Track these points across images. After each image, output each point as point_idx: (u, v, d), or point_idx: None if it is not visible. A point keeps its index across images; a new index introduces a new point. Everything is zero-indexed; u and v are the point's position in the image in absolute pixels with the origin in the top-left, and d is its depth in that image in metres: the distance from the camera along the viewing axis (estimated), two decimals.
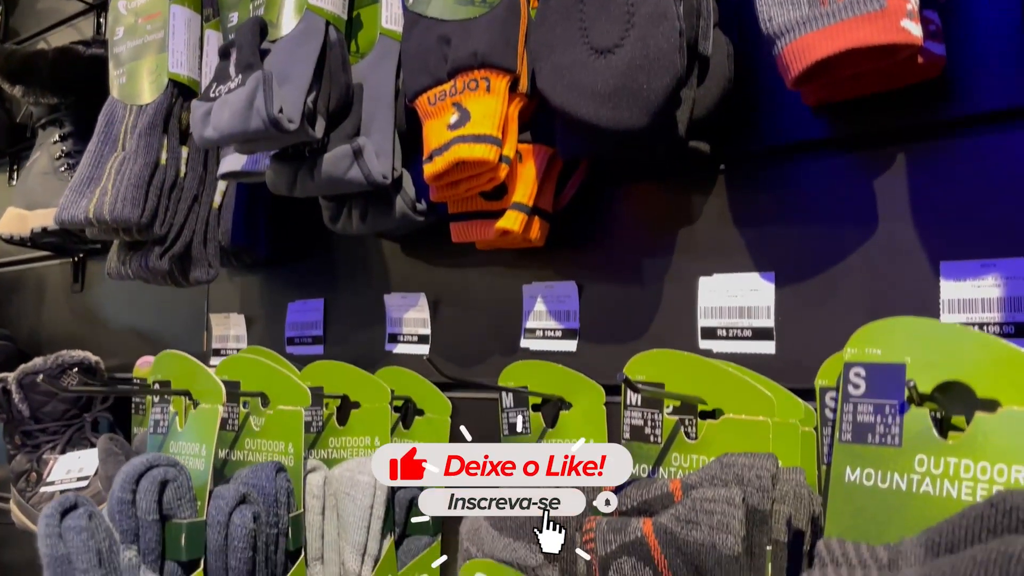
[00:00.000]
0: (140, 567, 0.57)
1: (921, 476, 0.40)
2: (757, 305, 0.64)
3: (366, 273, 0.90)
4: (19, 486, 1.07)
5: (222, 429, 0.72)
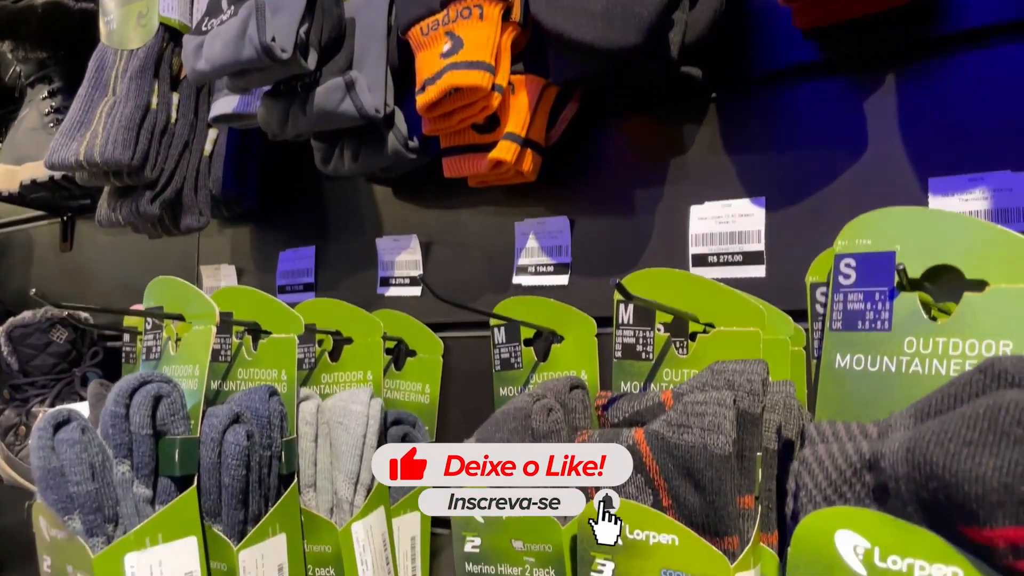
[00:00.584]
0: (133, 482, 0.57)
1: (910, 357, 0.41)
2: (747, 230, 0.64)
3: (357, 218, 0.91)
4: (7, 440, 1.07)
5: (214, 360, 0.72)
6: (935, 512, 0.35)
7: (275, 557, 0.63)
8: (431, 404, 0.81)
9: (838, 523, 0.38)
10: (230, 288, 0.71)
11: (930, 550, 0.35)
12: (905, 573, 0.36)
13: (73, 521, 0.55)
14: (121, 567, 0.55)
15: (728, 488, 0.50)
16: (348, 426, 0.69)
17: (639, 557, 0.52)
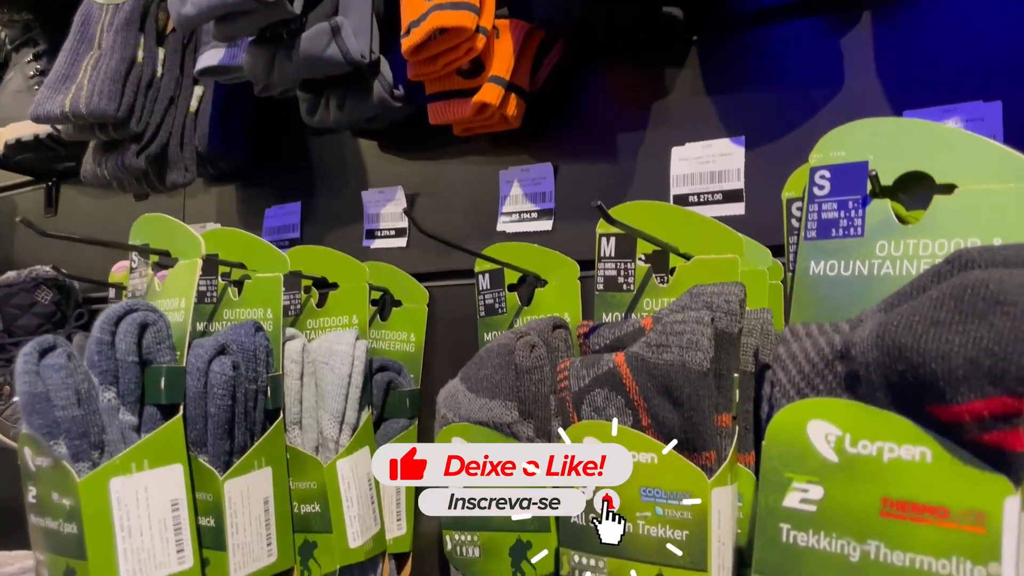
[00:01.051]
0: (119, 409, 0.58)
1: (882, 260, 0.42)
2: (727, 169, 0.65)
3: (343, 173, 0.91)
4: None
5: (199, 302, 0.72)
6: (904, 394, 0.36)
7: (261, 490, 0.63)
8: (416, 352, 0.82)
9: (810, 414, 0.39)
10: (216, 230, 0.71)
11: (899, 432, 0.36)
12: (875, 456, 0.37)
13: (59, 446, 0.55)
14: (107, 492, 0.55)
15: (705, 405, 0.51)
16: (333, 366, 0.70)
17: None
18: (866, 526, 0.37)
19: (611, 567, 0.53)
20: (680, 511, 0.51)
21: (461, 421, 0.67)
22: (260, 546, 0.63)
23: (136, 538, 0.56)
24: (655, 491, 0.52)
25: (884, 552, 0.36)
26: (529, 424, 0.64)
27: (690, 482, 0.51)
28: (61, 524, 0.56)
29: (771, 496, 0.40)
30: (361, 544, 0.69)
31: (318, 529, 0.68)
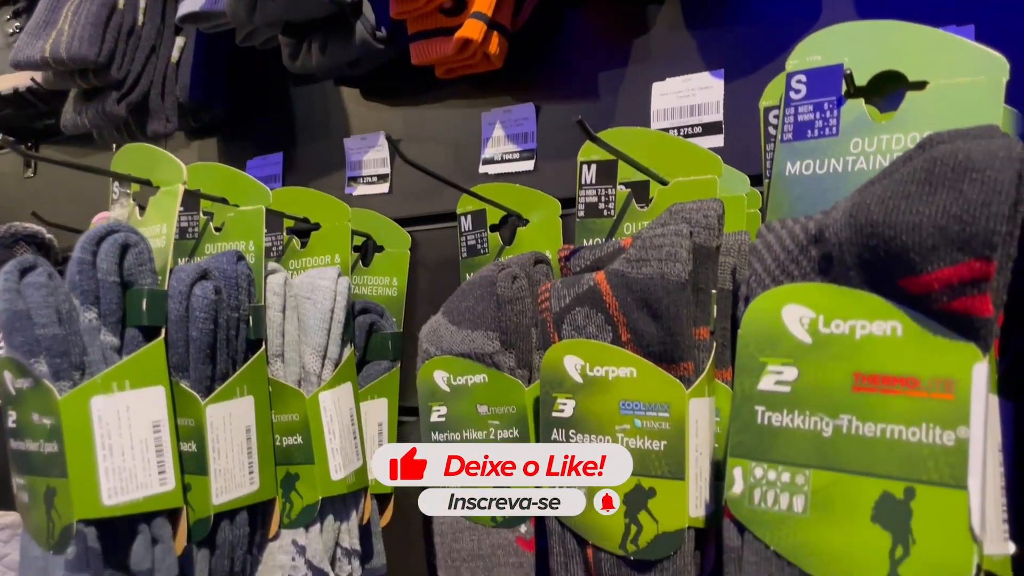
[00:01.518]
0: (100, 330, 0.58)
1: (856, 156, 0.43)
2: (707, 102, 0.66)
3: (325, 122, 0.91)
4: None
5: (181, 238, 0.72)
6: (875, 271, 0.37)
7: (243, 418, 0.63)
8: (399, 296, 0.82)
9: (784, 299, 0.40)
10: (198, 165, 0.71)
11: (870, 309, 0.37)
12: (847, 335, 0.37)
13: (39, 364, 0.55)
14: (88, 410, 0.55)
15: (684, 316, 0.51)
16: (316, 300, 0.70)
17: (599, 392, 0.54)
18: (838, 402, 0.37)
19: None
20: (658, 422, 0.52)
21: (443, 354, 0.68)
22: (242, 473, 0.63)
23: (118, 457, 0.56)
24: (634, 404, 0.53)
25: (856, 425, 0.37)
26: (511, 354, 0.65)
27: (668, 393, 0.52)
28: (42, 444, 0.56)
29: (746, 381, 0.40)
30: (343, 477, 0.69)
31: (300, 461, 0.68)
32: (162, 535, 0.58)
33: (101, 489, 0.55)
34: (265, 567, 0.67)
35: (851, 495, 0.37)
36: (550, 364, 0.57)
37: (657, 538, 0.52)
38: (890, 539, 0.35)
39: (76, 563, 0.55)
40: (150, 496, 0.57)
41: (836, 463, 0.37)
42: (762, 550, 0.39)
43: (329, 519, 0.70)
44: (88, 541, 0.55)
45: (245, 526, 0.63)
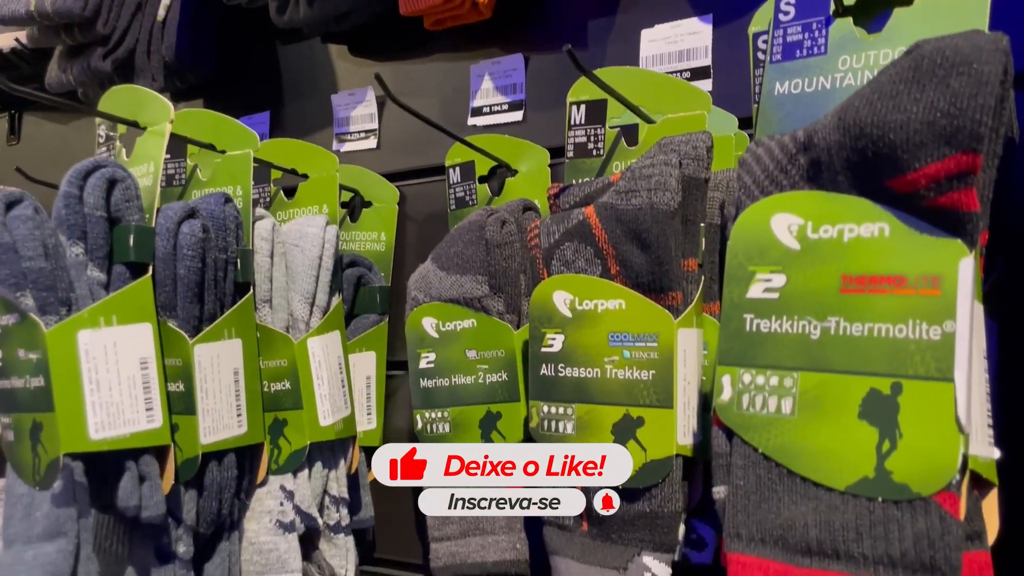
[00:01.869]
0: (87, 265, 0.57)
1: (844, 73, 0.43)
2: (695, 47, 0.66)
3: (312, 80, 0.91)
4: None
5: (168, 186, 0.72)
6: (863, 174, 0.37)
7: (231, 360, 0.63)
8: (387, 251, 0.82)
9: (773, 209, 0.40)
10: (185, 111, 0.71)
11: (858, 213, 0.37)
12: (835, 239, 0.38)
13: (25, 298, 0.55)
14: (75, 344, 0.55)
15: (672, 245, 0.52)
16: (304, 247, 0.70)
17: (588, 325, 0.54)
18: (826, 304, 0.38)
19: (579, 412, 0.54)
20: (647, 352, 0.52)
21: (432, 301, 0.68)
22: (230, 415, 0.63)
23: (104, 392, 0.56)
24: (623, 335, 0.53)
25: (844, 326, 0.37)
26: (499, 298, 0.65)
27: (657, 323, 0.52)
28: (28, 380, 0.56)
29: (735, 290, 0.41)
30: (331, 423, 0.69)
31: (288, 407, 0.68)
32: (149, 473, 0.58)
33: (88, 423, 0.55)
34: (253, 512, 0.67)
35: (838, 394, 0.37)
36: (539, 300, 0.57)
37: (645, 466, 0.52)
38: (877, 434, 0.36)
39: (62, 497, 0.54)
40: (137, 432, 0.57)
41: (824, 364, 0.38)
42: (750, 453, 0.39)
43: (317, 466, 0.70)
44: (75, 475, 0.55)
45: (233, 468, 0.63)
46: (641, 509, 0.52)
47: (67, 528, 0.54)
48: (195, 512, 0.62)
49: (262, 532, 0.67)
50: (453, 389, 0.66)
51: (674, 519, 0.52)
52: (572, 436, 0.55)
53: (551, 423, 0.56)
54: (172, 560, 0.61)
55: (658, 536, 0.52)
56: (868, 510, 0.35)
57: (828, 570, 0.35)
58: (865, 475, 0.35)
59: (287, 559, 0.66)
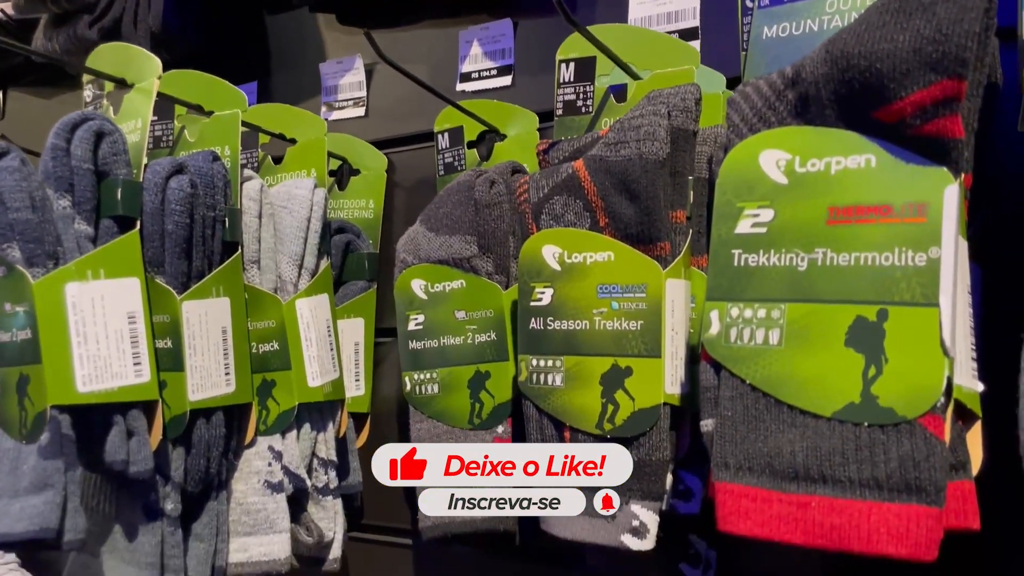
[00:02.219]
0: (75, 218, 0.57)
1: (831, 15, 0.43)
2: (684, 8, 0.66)
3: (301, 49, 0.91)
4: None
5: (155, 147, 0.72)
6: (850, 106, 0.38)
7: (219, 318, 0.63)
8: (375, 219, 0.82)
9: (761, 145, 0.40)
10: (173, 72, 0.70)
11: (845, 145, 0.38)
12: (823, 171, 0.38)
13: (12, 250, 0.55)
14: (62, 296, 0.55)
15: (661, 195, 0.52)
16: (292, 209, 0.70)
17: (576, 278, 0.55)
18: (813, 236, 0.38)
19: (568, 364, 0.55)
20: (635, 303, 0.52)
21: (421, 263, 0.68)
22: (218, 374, 0.63)
23: (92, 345, 0.56)
24: (611, 287, 0.53)
25: (831, 256, 0.38)
26: (488, 259, 0.65)
27: (645, 274, 0.52)
28: (14, 334, 0.56)
29: (723, 227, 0.41)
30: (320, 384, 0.69)
31: (277, 368, 0.68)
32: (137, 428, 0.58)
33: (75, 375, 0.55)
34: (241, 473, 0.67)
35: (825, 323, 0.37)
36: (528, 254, 0.57)
37: (633, 415, 0.53)
38: (863, 360, 0.36)
39: (49, 449, 0.54)
40: (125, 386, 0.57)
41: (811, 294, 0.38)
42: (738, 385, 0.39)
43: (306, 427, 0.70)
44: (62, 428, 0.55)
45: (221, 427, 0.63)
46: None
47: (54, 480, 0.54)
48: (183, 470, 0.62)
49: (250, 492, 0.67)
50: (442, 350, 0.66)
51: (662, 467, 0.52)
52: (561, 388, 0.55)
53: (540, 376, 0.56)
54: (160, 518, 0.61)
55: (646, 484, 0.52)
56: (854, 435, 0.35)
57: (814, 494, 0.36)
58: (851, 401, 0.36)
59: (275, 519, 0.66)
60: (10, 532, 0.53)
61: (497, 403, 0.64)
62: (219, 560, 0.65)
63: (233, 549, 0.66)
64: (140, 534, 0.61)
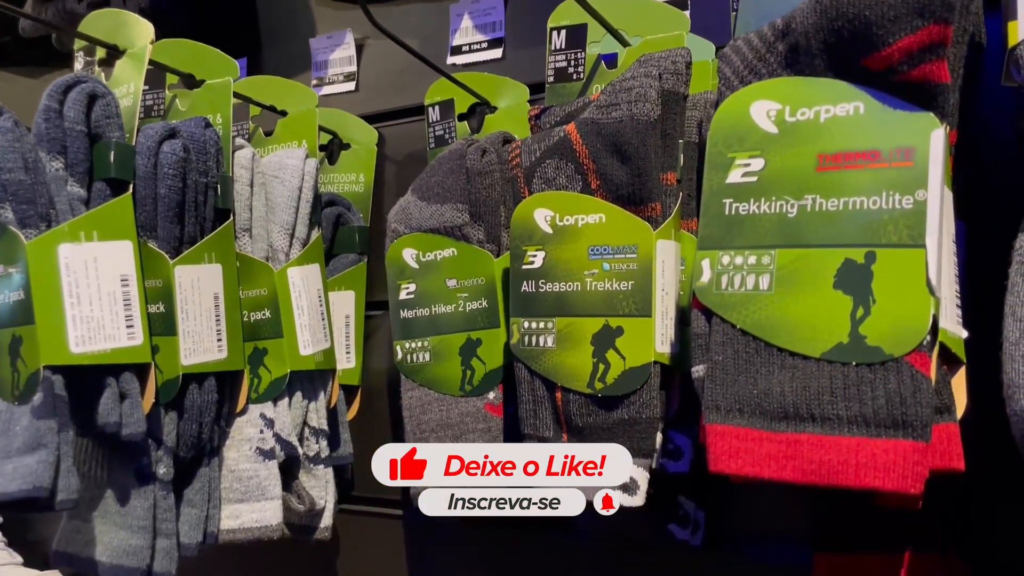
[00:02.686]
0: (67, 180, 0.57)
1: None
2: None
3: (291, 25, 0.91)
4: None
5: (147, 116, 0.72)
6: (839, 55, 0.38)
7: (211, 285, 0.63)
8: (366, 192, 0.82)
9: (752, 97, 0.41)
10: (164, 42, 0.70)
11: (834, 94, 0.39)
12: (812, 120, 0.39)
13: (5, 211, 0.55)
14: (55, 256, 0.55)
15: (652, 156, 0.53)
16: (284, 179, 0.70)
17: (568, 241, 0.55)
18: (803, 183, 0.39)
19: (559, 325, 0.55)
20: (626, 263, 0.53)
21: (412, 232, 0.68)
22: (210, 339, 0.63)
23: (85, 307, 0.56)
24: (603, 248, 0.54)
25: (820, 202, 0.38)
26: (479, 227, 0.66)
27: (636, 235, 0.53)
28: (7, 295, 0.56)
29: (714, 177, 0.42)
30: (312, 353, 0.70)
31: (268, 336, 0.68)
32: (130, 390, 0.58)
33: (68, 336, 0.55)
34: (232, 440, 0.67)
35: (814, 267, 0.38)
36: (520, 218, 0.58)
37: (624, 374, 0.53)
38: (851, 302, 0.37)
39: (42, 409, 0.54)
40: (118, 348, 0.57)
41: (800, 240, 0.39)
42: (728, 330, 0.40)
43: (297, 396, 0.70)
44: (55, 388, 0.55)
45: (213, 392, 0.63)
46: (620, 416, 0.53)
47: (47, 440, 0.54)
48: (175, 434, 0.62)
49: (242, 460, 0.67)
50: (433, 318, 0.67)
51: (652, 424, 0.53)
52: (552, 349, 0.56)
53: (532, 338, 0.57)
54: (152, 482, 0.61)
55: (636, 442, 0.53)
56: (843, 374, 0.36)
57: (804, 432, 0.36)
58: (840, 341, 0.37)
59: (267, 486, 0.67)
60: (4, 491, 0.53)
61: (488, 370, 0.64)
62: (211, 526, 0.65)
63: (225, 516, 0.66)
64: (132, 498, 0.61)
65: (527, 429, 0.58)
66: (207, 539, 0.65)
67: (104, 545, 0.61)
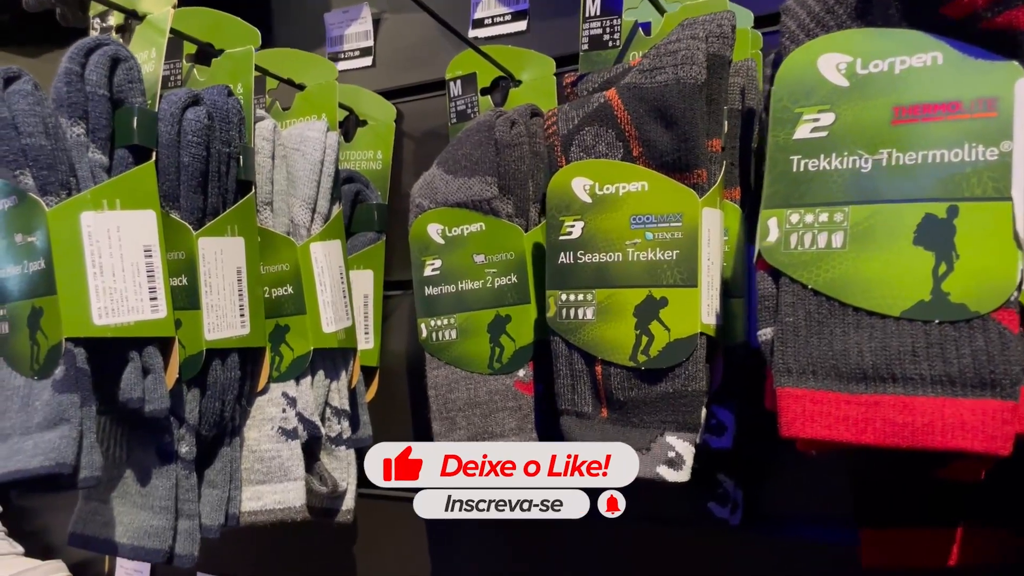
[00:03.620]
0: (89, 147, 0.55)
1: None
2: None
3: (304, 2, 0.89)
4: None
5: (164, 87, 0.70)
6: (916, 4, 0.37)
7: (234, 258, 0.61)
8: (384, 170, 0.81)
9: (819, 50, 0.40)
10: (182, 10, 0.68)
11: (910, 45, 0.37)
12: (886, 72, 0.38)
13: (25, 177, 0.52)
14: (77, 224, 0.53)
15: (698, 120, 0.51)
16: (305, 152, 0.68)
17: (609, 210, 0.54)
18: (877, 137, 0.38)
19: (599, 297, 0.54)
20: (671, 232, 0.52)
21: (438, 207, 0.66)
22: (233, 314, 0.61)
23: (108, 277, 0.54)
24: (645, 217, 0.53)
25: (896, 156, 0.37)
26: (508, 200, 0.64)
27: (681, 203, 0.52)
28: (26, 265, 0.54)
29: (781, 133, 0.40)
30: (335, 331, 0.68)
31: (290, 312, 0.66)
32: (153, 365, 0.56)
33: (91, 307, 0.53)
34: (254, 420, 0.65)
35: (892, 223, 0.37)
36: (557, 188, 0.56)
37: (669, 346, 0.52)
38: (933, 258, 0.35)
39: (64, 383, 0.52)
40: (141, 321, 0.55)
41: (875, 195, 0.37)
42: (799, 290, 0.39)
43: (320, 374, 0.68)
44: (77, 361, 0.53)
45: (236, 369, 0.61)
46: (664, 389, 0.52)
47: (70, 415, 0.52)
48: (198, 412, 0.60)
49: (263, 440, 0.65)
50: (460, 295, 0.65)
51: (698, 398, 0.52)
52: (592, 321, 0.54)
53: (570, 311, 0.55)
54: (174, 460, 0.59)
55: (681, 415, 0.52)
56: (924, 333, 0.35)
57: (884, 393, 0.35)
58: (921, 299, 0.35)
59: (289, 466, 0.65)
60: (25, 468, 0.51)
61: (518, 347, 0.63)
62: (232, 507, 0.63)
63: (246, 497, 0.64)
64: (154, 477, 0.59)
65: (564, 405, 0.56)
66: (229, 521, 0.63)
67: (124, 526, 0.59)
